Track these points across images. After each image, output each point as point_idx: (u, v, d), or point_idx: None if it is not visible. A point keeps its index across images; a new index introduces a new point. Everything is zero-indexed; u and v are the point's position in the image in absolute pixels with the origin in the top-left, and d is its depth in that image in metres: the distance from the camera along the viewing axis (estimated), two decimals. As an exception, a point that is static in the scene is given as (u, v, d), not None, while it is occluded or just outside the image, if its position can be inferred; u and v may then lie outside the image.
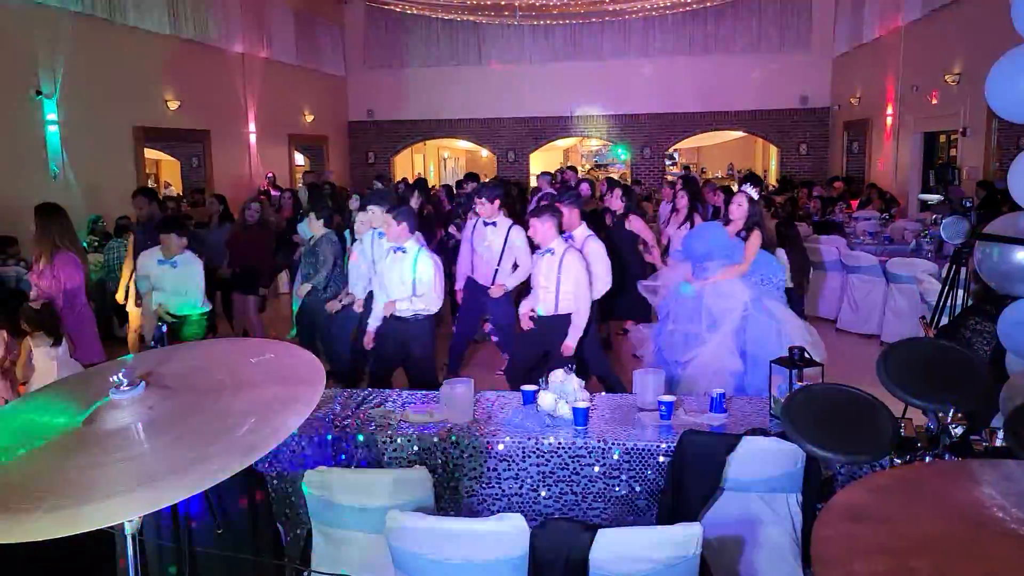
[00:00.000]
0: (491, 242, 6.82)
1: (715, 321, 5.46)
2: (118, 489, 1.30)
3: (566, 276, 5.47)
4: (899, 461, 2.04)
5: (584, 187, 10.33)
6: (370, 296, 6.13)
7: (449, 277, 7.06)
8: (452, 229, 8.81)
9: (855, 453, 2.01)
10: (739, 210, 5.74)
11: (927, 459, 2.07)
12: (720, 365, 5.32)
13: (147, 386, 1.40)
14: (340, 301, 6.60)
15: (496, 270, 6.85)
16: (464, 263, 7.17)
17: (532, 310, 5.69)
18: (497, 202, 6.82)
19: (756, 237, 5.59)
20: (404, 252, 5.46)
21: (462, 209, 8.95)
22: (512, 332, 6.56)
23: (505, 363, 6.70)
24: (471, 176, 12.26)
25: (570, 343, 5.51)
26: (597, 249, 5.96)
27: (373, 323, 5.74)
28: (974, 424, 2.18)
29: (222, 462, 1.33)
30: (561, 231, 5.63)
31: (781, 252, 6.59)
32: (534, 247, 5.90)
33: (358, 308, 6.41)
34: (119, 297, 7.66)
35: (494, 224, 6.82)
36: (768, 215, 7.71)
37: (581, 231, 6.10)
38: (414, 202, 8.17)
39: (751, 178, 8.63)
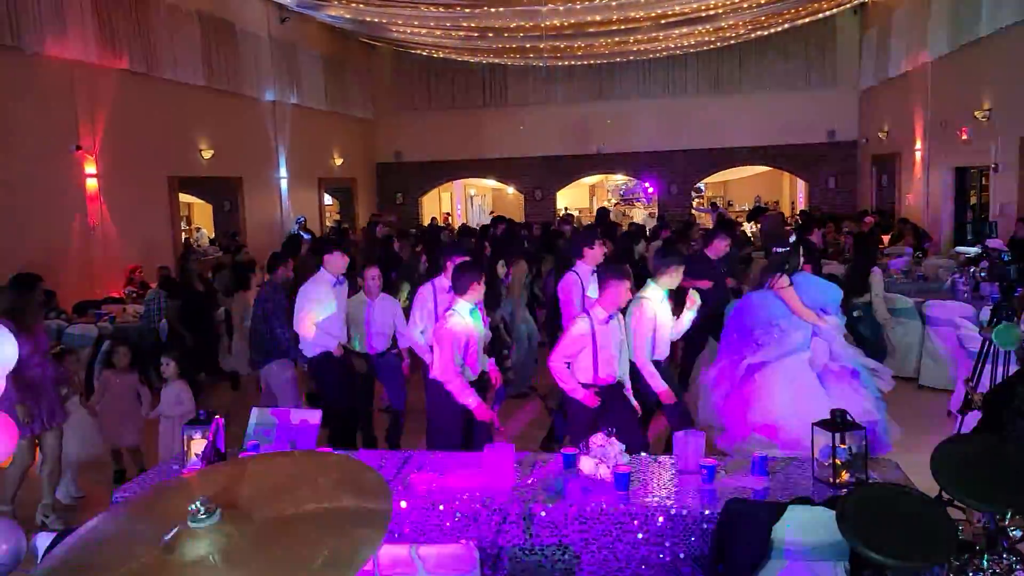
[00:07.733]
0: None
1: None
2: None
3: None
4: (956, 562, 2.04)
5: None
6: None
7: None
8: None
9: (912, 560, 1.99)
10: None
11: (985, 562, 2.05)
12: None
13: (223, 512, 1.44)
14: None
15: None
16: None
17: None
18: None
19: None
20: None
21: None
22: None
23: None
24: (500, 219, 12.28)
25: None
26: None
27: None
28: (1034, 526, 2.17)
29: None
30: None
31: None
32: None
33: None
34: None
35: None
36: None
37: None
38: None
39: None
